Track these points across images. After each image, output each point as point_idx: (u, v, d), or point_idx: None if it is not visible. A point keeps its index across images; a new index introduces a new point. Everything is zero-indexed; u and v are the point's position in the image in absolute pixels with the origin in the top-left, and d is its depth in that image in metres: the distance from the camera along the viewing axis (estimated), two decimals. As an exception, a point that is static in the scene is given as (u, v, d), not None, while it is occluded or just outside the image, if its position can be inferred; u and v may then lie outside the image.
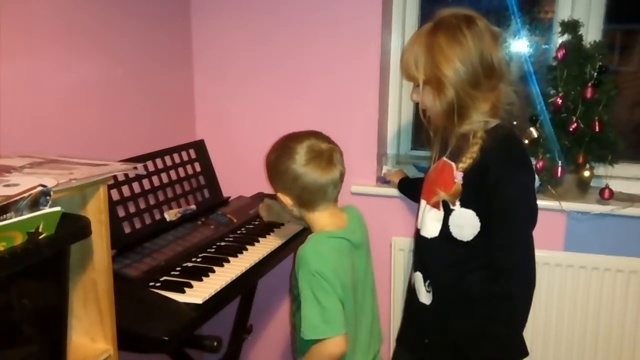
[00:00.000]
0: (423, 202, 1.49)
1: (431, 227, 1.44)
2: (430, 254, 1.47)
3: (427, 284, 1.48)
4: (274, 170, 1.36)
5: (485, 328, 1.35)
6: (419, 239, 1.50)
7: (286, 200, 1.36)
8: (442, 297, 1.46)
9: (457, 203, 1.37)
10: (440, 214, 1.41)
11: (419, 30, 1.39)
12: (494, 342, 1.36)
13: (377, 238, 1.52)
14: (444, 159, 1.41)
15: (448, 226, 1.40)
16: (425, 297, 1.49)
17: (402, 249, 2.01)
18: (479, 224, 1.36)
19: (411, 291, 1.57)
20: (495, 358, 1.39)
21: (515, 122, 1.42)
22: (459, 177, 1.34)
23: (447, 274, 1.44)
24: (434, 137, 1.45)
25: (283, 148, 1.35)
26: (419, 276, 1.50)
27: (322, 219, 1.37)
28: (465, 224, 1.37)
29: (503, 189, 1.30)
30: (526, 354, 1.44)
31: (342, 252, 1.33)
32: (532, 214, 1.37)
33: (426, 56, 1.32)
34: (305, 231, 1.75)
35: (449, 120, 1.33)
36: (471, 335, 1.39)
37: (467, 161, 1.33)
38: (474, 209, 1.35)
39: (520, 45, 2.08)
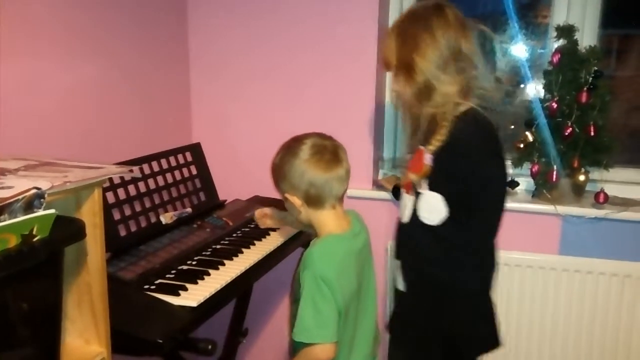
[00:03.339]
0: (403, 191, 1.51)
1: (406, 212, 1.47)
2: (402, 239, 1.51)
3: (403, 270, 1.50)
4: (280, 171, 1.36)
5: (456, 317, 1.39)
6: (397, 226, 1.54)
7: (295, 200, 1.35)
8: (414, 283, 1.47)
9: (426, 186, 1.39)
10: (411, 198, 1.44)
11: (394, 21, 1.47)
12: (463, 331, 1.40)
13: (373, 242, 1.52)
14: (420, 146, 1.45)
15: (417, 210, 1.42)
16: (401, 283, 1.51)
17: (398, 252, 2.02)
18: (446, 209, 1.37)
19: (394, 279, 1.59)
20: (467, 346, 1.43)
21: (486, 107, 1.43)
22: (428, 159, 1.37)
23: (416, 259, 1.46)
24: (405, 123, 1.51)
25: (287, 148, 1.36)
26: (397, 263, 1.53)
27: (329, 220, 1.36)
28: (433, 208, 1.39)
29: (469, 174, 1.33)
30: (498, 344, 1.48)
31: (349, 256, 1.34)
32: (497, 198, 1.38)
33: (397, 43, 1.39)
34: (302, 234, 1.76)
35: (418, 102, 1.38)
36: (441, 322, 1.42)
37: (436, 144, 1.36)
38: (441, 193, 1.37)
39: (516, 49, 2.09)
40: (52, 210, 0.93)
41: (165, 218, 1.74)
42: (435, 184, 1.37)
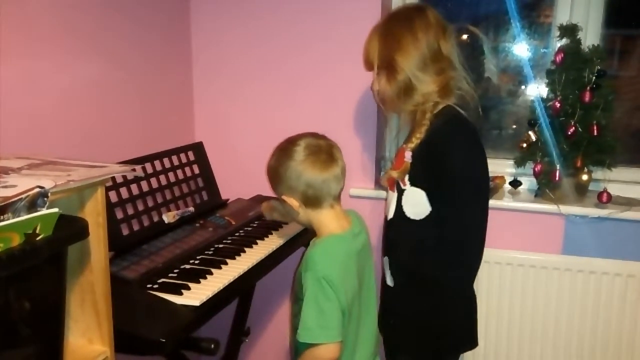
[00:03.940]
0: (387, 188, 1.53)
1: (390, 209, 1.49)
2: (389, 235, 1.52)
3: (391, 266, 1.51)
4: (276, 173, 1.36)
5: (441, 313, 1.41)
6: (384, 223, 1.55)
7: (292, 202, 1.35)
8: (402, 279, 1.48)
9: (407, 182, 1.41)
10: (395, 195, 1.46)
11: (377, 22, 1.50)
12: (450, 328, 1.43)
13: (376, 241, 1.53)
14: (402, 144, 1.48)
15: (402, 206, 1.43)
16: (389, 279, 1.51)
17: (400, 252, 2.01)
18: (429, 203, 1.38)
19: (382, 275, 1.59)
20: (453, 343, 1.45)
21: (464, 106, 1.45)
22: (408, 156, 1.40)
23: (404, 254, 1.47)
24: (388, 123, 1.55)
25: (282, 150, 1.36)
26: (386, 260, 1.54)
27: (328, 220, 1.36)
28: (417, 203, 1.40)
29: (447, 165, 1.34)
30: (476, 343, 1.50)
31: (350, 256, 1.34)
32: (478, 193, 1.38)
33: (380, 43, 1.42)
34: (306, 232, 1.76)
35: (400, 100, 1.42)
36: (427, 319, 1.43)
37: (415, 141, 1.39)
38: (423, 188, 1.38)
39: (519, 48, 2.09)
40: (56, 209, 0.93)
41: (168, 217, 1.75)
42: (415, 179, 1.40)
